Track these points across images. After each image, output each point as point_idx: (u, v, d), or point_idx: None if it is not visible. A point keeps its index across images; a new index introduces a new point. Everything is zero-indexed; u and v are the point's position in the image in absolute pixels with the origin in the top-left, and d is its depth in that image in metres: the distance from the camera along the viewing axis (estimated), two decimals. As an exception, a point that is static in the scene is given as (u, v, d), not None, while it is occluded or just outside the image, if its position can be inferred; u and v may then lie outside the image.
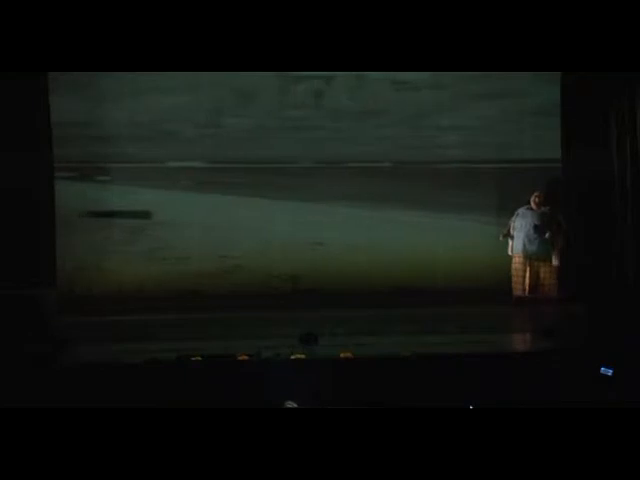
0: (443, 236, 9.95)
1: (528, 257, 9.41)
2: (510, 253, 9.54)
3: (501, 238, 9.55)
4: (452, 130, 9.98)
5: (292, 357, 6.49)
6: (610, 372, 5.51)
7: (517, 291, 9.46)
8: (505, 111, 9.97)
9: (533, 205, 9.52)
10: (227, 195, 9.92)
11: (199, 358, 6.48)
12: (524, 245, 9.42)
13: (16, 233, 9.22)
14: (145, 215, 9.89)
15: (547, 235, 9.38)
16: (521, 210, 9.54)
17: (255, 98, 9.87)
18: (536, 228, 9.41)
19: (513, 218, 9.55)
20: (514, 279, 9.47)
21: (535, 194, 9.52)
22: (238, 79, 9.56)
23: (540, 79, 9.69)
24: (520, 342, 7.91)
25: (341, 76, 9.84)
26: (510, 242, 9.54)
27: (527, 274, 9.41)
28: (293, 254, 9.88)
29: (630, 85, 9.40)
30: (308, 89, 9.92)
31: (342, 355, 6.50)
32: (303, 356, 6.51)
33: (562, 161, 9.94)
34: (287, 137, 9.90)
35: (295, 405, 4.87)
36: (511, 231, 9.54)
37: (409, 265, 9.85)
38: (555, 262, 9.47)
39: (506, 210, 9.67)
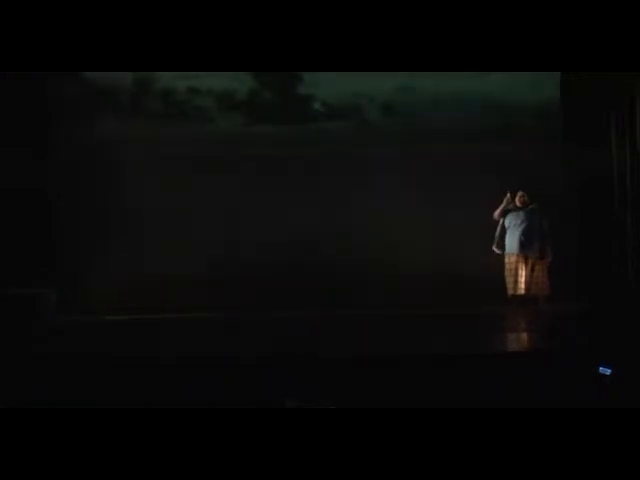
0: None
1: (523, 255, 9.38)
2: (499, 252, 9.48)
3: (495, 247, 9.48)
4: None
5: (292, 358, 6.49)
6: (608, 371, 5.49)
7: (513, 290, 9.40)
8: None
9: (519, 204, 9.49)
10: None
11: (199, 358, 6.48)
12: (520, 243, 9.37)
13: (16, 233, 9.23)
14: None
15: (541, 232, 9.40)
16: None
17: None
18: (529, 226, 9.40)
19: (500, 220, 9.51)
20: (509, 279, 9.40)
21: (520, 194, 9.48)
22: None
23: None
24: (519, 342, 7.90)
25: None
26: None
27: (523, 272, 9.37)
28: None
29: (630, 85, 9.40)
30: None
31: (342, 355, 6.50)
32: (303, 357, 6.51)
33: (562, 161, 9.95)
34: None
35: (295, 405, 4.87)
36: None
37: None
38: (549, 259, 9.47)
39: None
